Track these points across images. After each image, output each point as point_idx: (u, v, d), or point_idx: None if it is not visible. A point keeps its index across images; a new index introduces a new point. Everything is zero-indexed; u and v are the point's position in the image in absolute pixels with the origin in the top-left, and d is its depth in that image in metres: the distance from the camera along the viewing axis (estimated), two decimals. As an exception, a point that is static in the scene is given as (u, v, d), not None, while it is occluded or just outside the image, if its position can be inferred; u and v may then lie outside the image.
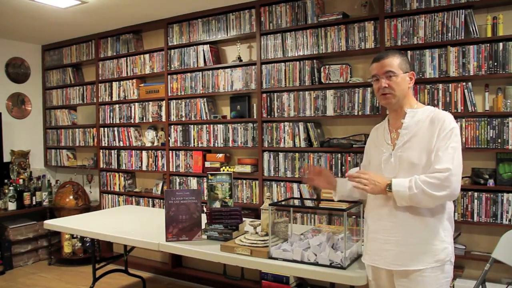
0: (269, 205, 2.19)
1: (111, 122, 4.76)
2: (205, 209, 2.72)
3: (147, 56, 4.42)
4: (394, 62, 1.81)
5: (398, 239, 1.77)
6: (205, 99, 4.02)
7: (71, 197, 4.72)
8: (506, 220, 2.75)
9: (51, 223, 3.20)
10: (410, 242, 1.74)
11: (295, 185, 3.52)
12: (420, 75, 2.99)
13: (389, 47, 3.09)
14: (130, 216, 3.46)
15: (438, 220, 1.75)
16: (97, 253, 4.47)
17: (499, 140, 2.77)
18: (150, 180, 4.67)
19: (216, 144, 3.96)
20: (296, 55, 3.50)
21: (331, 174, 2.18)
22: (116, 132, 4.70)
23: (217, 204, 2.72)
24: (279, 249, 2.15)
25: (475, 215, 2.84)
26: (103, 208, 4.75)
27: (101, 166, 4.84)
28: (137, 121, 4.55)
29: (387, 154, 1.86)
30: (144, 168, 4.49)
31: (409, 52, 3.03)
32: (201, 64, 4.02)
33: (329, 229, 2.54)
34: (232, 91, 3.86)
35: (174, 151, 4.25)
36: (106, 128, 4.80)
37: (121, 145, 4.66)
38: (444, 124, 1.72)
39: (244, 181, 3.80)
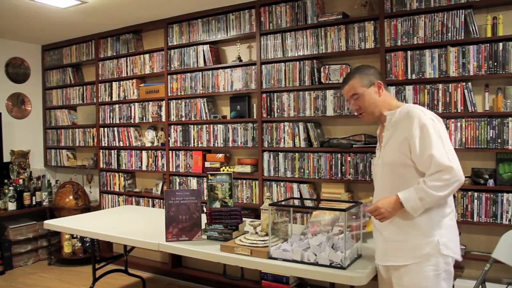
0: (269, 205, 2.19)
1: (111, 122, 4.76)
2: (205, 209, 2.72)
3: (147, 56, 4.42)
4: (355, 83, 1.93)
5: (386, 236, 1.88)
6: (205, 99, 4.02)
7: (71, 197, 4.72)
8: (506, 220, 2.75)
9: (51, 223, 3.20)
10: (396, 239, 1.83)
11: (295, 185, 3.52)
12: (420, 75, 2.99)
13: (389, 47, 3.09)
14: (130, 216, 3.46)
15: (426, 216, 1.77)
16: (97, 253, 4.48)
17: (499, 140, 2.77)
18: (150, 180, 4.67)
19: (216, 144, 3.96)
20: (296, 55, 3.50)
21: None
22: (116, 132, 4.70)
23: (217, 204, 2.72)
24: (279, 249, 2.15)
25: (475, 215, 2.84)
26: (103, 208, 4.75)
27: (101, 166, 4.84)
28: (137, 121, 4.55)
29: (377, 156, 2.00)
30: (144, 168, 4.49)
31: (409, 52, 3.03)
32: (201, 64, 4.02)
33: (328, 216, 2.49)
34: (232, 91, 3.86)
35: (174, 151, 4.25)
36: (106, 128, 4.80)
37: (121, 145, 4.66)
38: (414, 125, 1.74)
39: (244, 181, 3.80)
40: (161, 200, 4.30)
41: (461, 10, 2.85)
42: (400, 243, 1.82)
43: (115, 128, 4.70)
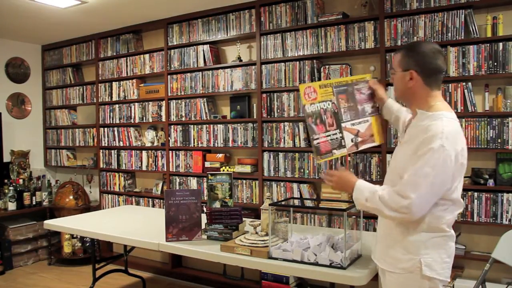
0: (269, 205, 2.19)
1: (111, 122, 4.76)
2: (205, 209, 2.72)
3: (147, 56, 4.42)
4: (397, 58, 1.74)
5: (380, 235, 1.83)
6: (205, 99, 4.02)
7: (71, 197, 4.72)
8: (506, 220, 2.75)
9: (51, 223, 3.20)
10: (385, 241, 1.78)
11: (295, 185, 3.52)
12: (420, 75, 2.99)
13: (389, 47, 3.09)
14: (130, 216, 3.46)
15: (415, 233, 1.65)
16: (97, 253, 4.47)
17: (499, 140, 2.77)
18: (150, 180, 4.67)
19: (216, 144, 3.96)
20: (296, 55, 3.50)
21: (381, 94, 2.05)
22: (116, 132, 4.70)
23: (217, 204, 2.72)
24: (279, 249, 2.15)
25: (475, 215, 2.84)
26: (103, 208, 4.75)
27: (101, 166, 4.84)
28: (137, 121, 4.55)
29: (396, 148, 1.85)
30: (144, 168, 4.49)
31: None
32: (201, 64, 4.02)
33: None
34: (232, 91, 3.86)
35: (174, 151, 4.25)
36: (106, 128, 4.80)
37: (121, 145, 4.66)
38: (424, 141, 1.56)
39: (244, 181, 3.80)
40: (161, 200, 4.30)
41: (461, 10, 2.85)
42: (387, 248, 1.76)
43: (115, 128, 4.70)
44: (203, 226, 2.58)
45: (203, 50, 3.99)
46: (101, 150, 4.84)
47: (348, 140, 1.91)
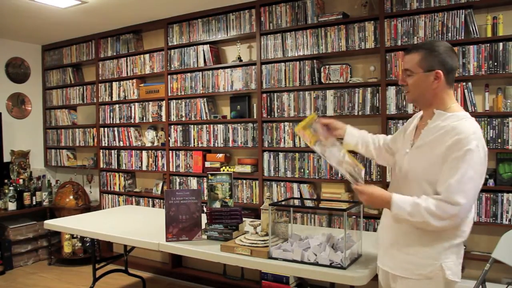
0: (269, 205, 2.19)
1: (111, 122, 4.76)
2: (205, 209, 2.72)
3: (147, 56, 4.42)
4: (415, 59, 1.64)
5: (391, 240, 1.74)
6: (205, 99, 4.02)
7: (71, 197, 4.72)
8: (506, 220, 2.75)
9: (51, 223, 3.20)
10: (398, 246, 1.70)
11: (295, 185, 3.52)
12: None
13: (389, 47, 3.09)
14: (130, 216, 3.46)
15: (436, 239, 1.62)
16: (97, 253, 4.47)
17: (499, 140, 2.77)
18: (150, 180, 4.67)
19: (216, 144, 3.96)
20: (296, 55, 3.50)
21: (337, 125, 2.03)
22: (116, 132, 4.70)
23: (217, 204, 2.72)
24: (279, 249, 2.15)
25: (475, 215, 2.84)
26: (103, 208, 4.75)
27: (101, 166, 4.84)
28: (137, 121, 4.55)
29: (404, 151, 1.77)
30: (144, 168, 4.49)
31: (409, 52, 3.03)
32: (201, 64, 4.02)
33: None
34: (232, 91, 3.86)
35: (174, 151, 4.25)
36: (106, 128, 4.80)
37: (121, 145, 4.66)
38: (458, 143, 1.51)
39: (244, 181, 3.80)
40: (161, 200, 4.30)
41: (461, 10, 2.85)
42: (400, 253, 1.68)
43: (115, 128, 4.70)
44: (203, 226, 2.58)
45: (203, 50, 3.99)
46: (101, 150, 4.84)
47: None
